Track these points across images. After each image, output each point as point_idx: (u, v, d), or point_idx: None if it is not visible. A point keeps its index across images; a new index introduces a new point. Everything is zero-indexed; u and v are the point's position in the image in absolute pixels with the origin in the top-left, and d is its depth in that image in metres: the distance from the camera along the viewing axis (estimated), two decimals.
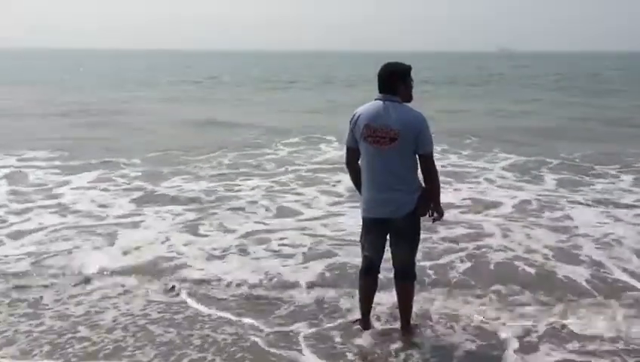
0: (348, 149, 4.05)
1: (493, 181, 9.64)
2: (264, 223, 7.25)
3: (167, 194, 8.62)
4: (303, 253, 6.13)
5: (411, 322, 4.30)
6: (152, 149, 12.24)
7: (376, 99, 3.88)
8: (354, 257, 5.59)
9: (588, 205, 8.14)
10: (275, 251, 6.21)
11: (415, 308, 4.42)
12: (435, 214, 3.99)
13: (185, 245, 6.38)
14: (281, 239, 6.58)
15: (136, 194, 8.54)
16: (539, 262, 5.88)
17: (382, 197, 3.88)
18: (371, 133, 3.79)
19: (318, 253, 6.13)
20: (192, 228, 6.97)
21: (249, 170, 10.41)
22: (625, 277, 5.47)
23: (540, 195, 8.61)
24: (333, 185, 9.13)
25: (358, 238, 4.22)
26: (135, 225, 7.10)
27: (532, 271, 5.68)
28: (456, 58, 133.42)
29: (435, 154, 3.97)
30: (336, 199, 8.34)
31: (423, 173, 3.91)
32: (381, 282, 4.34)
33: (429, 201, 3.93)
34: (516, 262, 5.86)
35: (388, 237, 4.08)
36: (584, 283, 5.34)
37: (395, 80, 3.82)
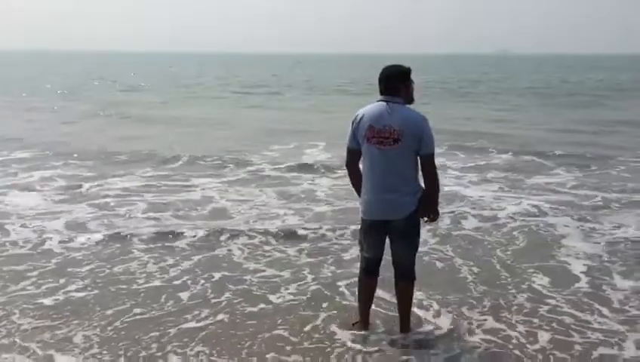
0: (349, 150, 4.00)
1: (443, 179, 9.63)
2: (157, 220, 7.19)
3: (92, 192, 8.58)
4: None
5: (410, 322, 4.25)
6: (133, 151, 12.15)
7: (378, 101, 3.88)
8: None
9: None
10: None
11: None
12: (431, 215, 3.96)
13: (40, 246, 6.14)
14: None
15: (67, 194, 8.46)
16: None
17: (384, 198, 3.86)
18: (375, 135, 3.78)
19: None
20: (80, 225, 6.88)
21: (205, 170, 10.30)
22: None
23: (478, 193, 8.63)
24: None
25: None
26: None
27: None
28: (453, 60, 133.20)
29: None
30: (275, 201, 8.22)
31: (423, 173, 3.88)
32: (380, 282, 4.30)
33: (429, 202, 3.91)
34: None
35: (387, 237, 4.05)
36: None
37: (395, 81, 3.85)
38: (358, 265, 4.09)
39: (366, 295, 4.20)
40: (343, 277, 5.22)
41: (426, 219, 3.96)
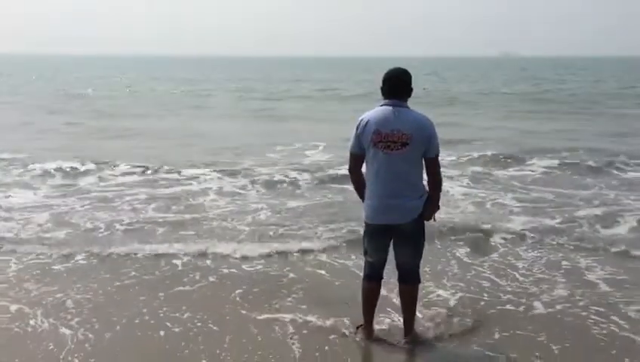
0: (352, 155, 4.00)
1: None
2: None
3: (88, 187, 9.35)
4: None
5: (415, 325, 4.29)
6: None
7: (382, 105, 3.88)
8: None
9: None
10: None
11: None
12: (435, 210, 4.04)
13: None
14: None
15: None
16: None
17: (390, 203, 3.87)
18: (382, 139, 3.78)
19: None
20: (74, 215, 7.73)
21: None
22: None
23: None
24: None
25: None
26: None
27: None
28: (455, 63, 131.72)
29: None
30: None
31: (428, 174, 3.93)
32: (384, 286, 4.39)
33: (432, 202, 3.96)
34: None
35: (391, 241, 4.08)
36: None
37: (403, 85, 3.86)
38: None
39: (369, 299, 4.20)
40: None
41: (433, 220, 4.05)
